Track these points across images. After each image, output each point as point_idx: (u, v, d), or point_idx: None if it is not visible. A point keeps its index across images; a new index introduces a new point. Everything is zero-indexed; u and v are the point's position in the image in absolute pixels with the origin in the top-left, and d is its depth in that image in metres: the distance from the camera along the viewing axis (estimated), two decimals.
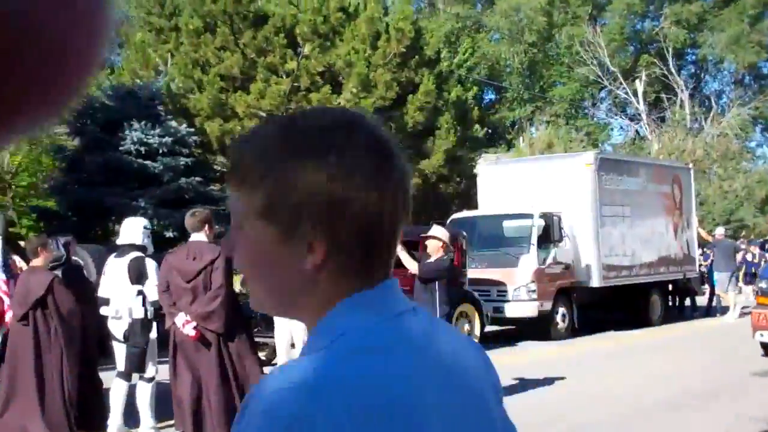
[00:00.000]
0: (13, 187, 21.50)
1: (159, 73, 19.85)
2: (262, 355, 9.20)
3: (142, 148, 16.27)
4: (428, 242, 7.56)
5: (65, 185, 17.02)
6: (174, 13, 20.20)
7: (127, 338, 6.47)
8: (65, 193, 16.73)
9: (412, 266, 7.47)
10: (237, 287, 6.93)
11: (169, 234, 16.06)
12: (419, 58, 19.96)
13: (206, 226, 6.44)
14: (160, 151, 16.39)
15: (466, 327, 12.25)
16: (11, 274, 7.41)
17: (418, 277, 7.54)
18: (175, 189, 16.34)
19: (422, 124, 19.65)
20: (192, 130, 17.11)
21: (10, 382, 6.41)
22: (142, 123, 16.42)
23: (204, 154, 17.70)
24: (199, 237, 6.35)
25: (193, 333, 6.02)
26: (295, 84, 17.45)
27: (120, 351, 6.65)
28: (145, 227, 6.77)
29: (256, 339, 7.80)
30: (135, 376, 6.74)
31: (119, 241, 6.83)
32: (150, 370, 6.75)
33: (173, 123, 16.93)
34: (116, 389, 6.76)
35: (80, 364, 6.34)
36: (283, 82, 17.40)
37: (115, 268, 6.70)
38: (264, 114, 17.91)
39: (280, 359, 9.14)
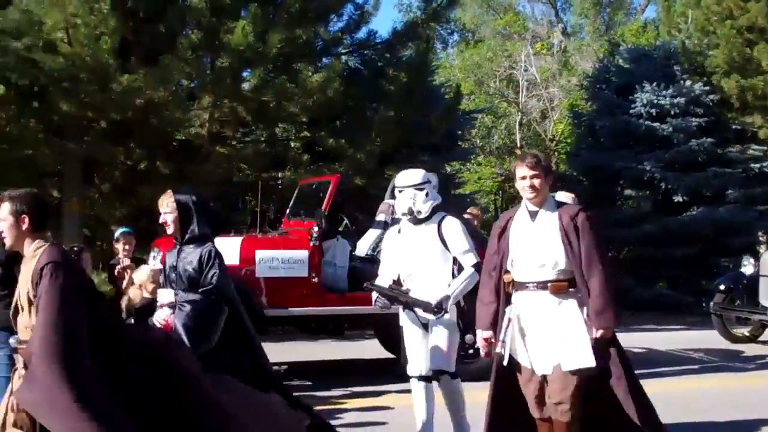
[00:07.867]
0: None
1: (680, 30, 19.08)
2: None
3: (653, 110, 15.96)
4: None
5: (579, 150, 17.60)
6: None
7: None
8: (579, 157, 17.30)
9: None
10: None
11: (677, 198, 15.56)
12: None
13: None
14: (672, 113, 15.87)
15: None
16: None
17: None
18: (685, 151, 15.72)
19: None
20: (707, 88, 16.18)
21: None
22: (654, 84, 16.08)
23: (722, 114, 16.54)
24: None
25: None
26: None
27: None
28: None
29: None
30: None
31: None
32: None
33: (688, 82, 16.23)
34: None
35: None
36: None
37: None
38: None
39: None
